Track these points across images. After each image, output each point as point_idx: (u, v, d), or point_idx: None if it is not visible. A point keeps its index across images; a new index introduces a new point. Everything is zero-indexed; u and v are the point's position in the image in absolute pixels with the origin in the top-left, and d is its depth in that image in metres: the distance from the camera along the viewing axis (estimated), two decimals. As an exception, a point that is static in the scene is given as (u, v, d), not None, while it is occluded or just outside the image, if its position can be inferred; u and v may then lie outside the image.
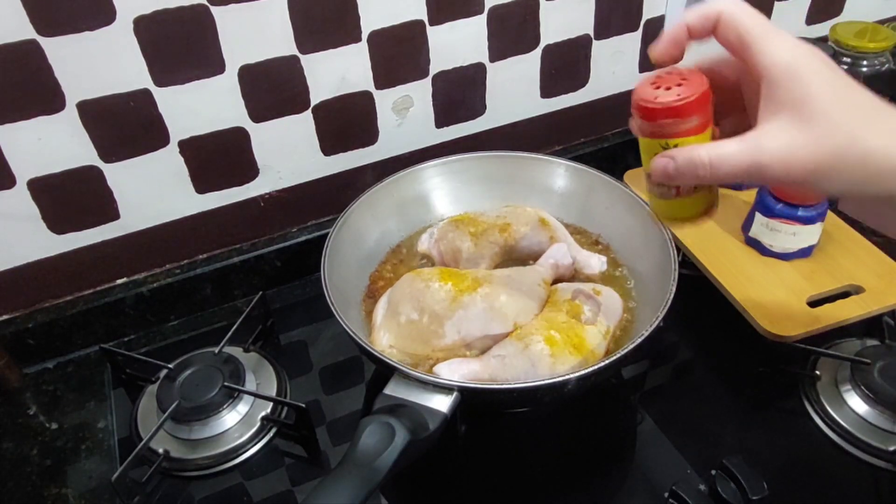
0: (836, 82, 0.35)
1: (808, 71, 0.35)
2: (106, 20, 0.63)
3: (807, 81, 0.35)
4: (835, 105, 0.34)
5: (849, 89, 0.35)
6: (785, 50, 0.35)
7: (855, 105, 0.34)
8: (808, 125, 0.34)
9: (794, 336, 0.67)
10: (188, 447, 0.66)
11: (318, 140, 0.79)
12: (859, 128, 0.34)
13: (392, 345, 0.65)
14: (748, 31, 0.36)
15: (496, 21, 0.80)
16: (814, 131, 0.34)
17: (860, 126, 0.34)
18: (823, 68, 0.35)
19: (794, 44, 0.36)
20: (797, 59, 0.35)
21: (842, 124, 0.34)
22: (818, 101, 0.34)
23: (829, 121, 0.34)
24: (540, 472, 0.65)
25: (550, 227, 0.76)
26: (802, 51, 0.35)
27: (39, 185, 0.69)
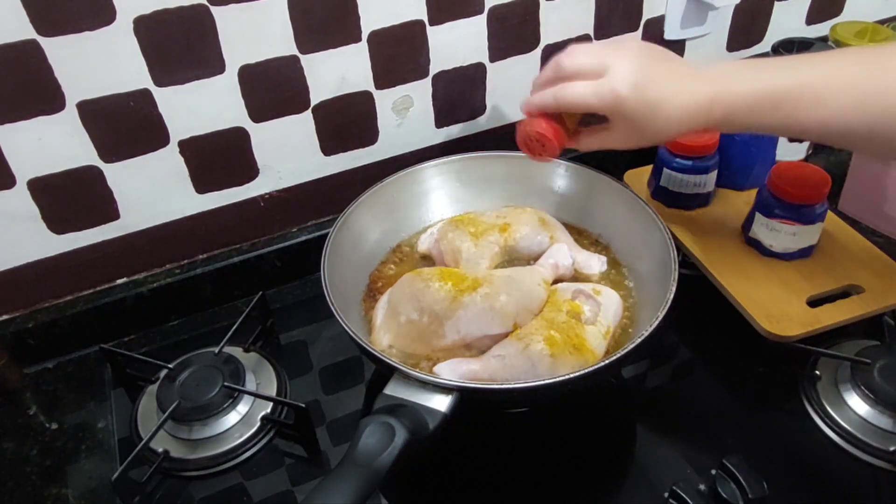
0: (641, 108, 0.55)
1: (629, 109, 0.55)
2: (106, 20, 0.63)
3: (625, 117, 0.56)
4: (640, 123, 0.56)
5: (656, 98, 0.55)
6: (608, 102, 0.56)
7: (652, 120, 0.56)
8: (630, 134, 0.58)
9: (794, 336, 0.67)
10: (188, 447, 0.66)
11: (318, 140, 0.79)
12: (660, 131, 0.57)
13: (392, 345, 0.65)
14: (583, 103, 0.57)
15: (496, 21, 0.80)
16: (637, 137, 0.58)
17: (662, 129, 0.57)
18: (642, 97, 0.55)
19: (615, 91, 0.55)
20: (620, 105, 0.55)
21: (650, 133, 0.57)
22: (633, 125, 0.57)
23: (640, 130, 0.57)
24: (540, 471, 0.65)
25: (550, 227, 0.76)
26: (625, 94, 0.54)
27: (39, 185, 0.69)
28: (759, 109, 0.54)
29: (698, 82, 0.56)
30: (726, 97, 0.55)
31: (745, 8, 0.94)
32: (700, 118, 0.55)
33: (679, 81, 0.56)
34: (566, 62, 0.58)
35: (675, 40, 0.92)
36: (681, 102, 0.55)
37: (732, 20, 0.95)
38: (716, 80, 0.56)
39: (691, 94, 0.55)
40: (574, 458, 0.66)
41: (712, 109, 0.55)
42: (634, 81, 0.54)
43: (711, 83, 0.55)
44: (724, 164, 0.81)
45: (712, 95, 0.55)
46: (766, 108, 0.54)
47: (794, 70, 0.54)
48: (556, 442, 0.68)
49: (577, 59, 0.57)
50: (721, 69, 0.57)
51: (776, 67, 0.56)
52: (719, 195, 0.84)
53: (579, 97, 0.56)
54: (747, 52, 0.99)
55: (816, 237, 0.75)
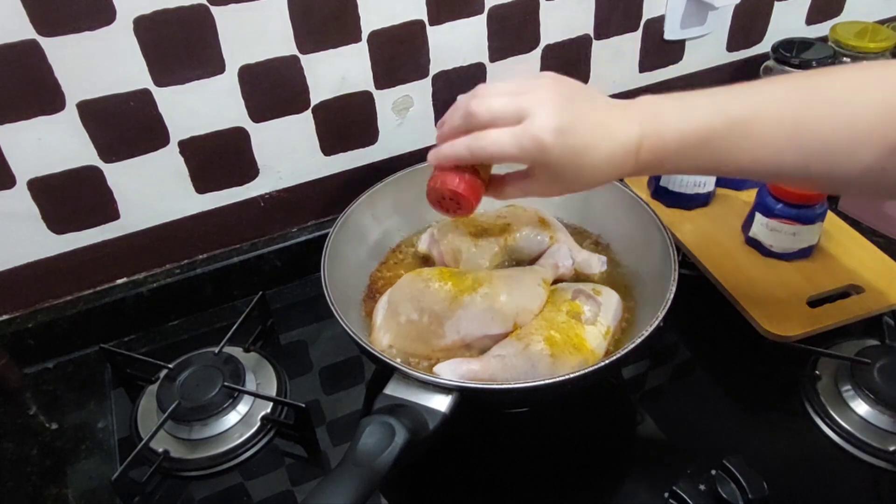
0: (567, 156, 0.50)
1: (552, 158, 0.50)
2: (106, 20, 0.63)
3: (549, 167, 0.51)
4: (566, 172, 0.52)
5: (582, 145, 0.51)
6: (531, 151, 0.50)
7: (578, 168, 0.51)
8: (554, 183, 0.54)
9: (794, 336, 0.67)
10: (188, 447, 0.66)
11: (318, 140, 0.79)
12: (585, 179, 0.53)
13: (392, 345, 0.65)
14: (502, 154, 0.51)
15: (496, 21, 0.80)
16: (561, 185, 0.54)
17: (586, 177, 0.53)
18: (566, 144, 0.50)
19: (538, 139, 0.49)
20: (544, 154, 0.50)
21: (574, 181, 0.53)
22: (558, 174, 0.52)
23: (566, 180, 0.53)
24: (540, 471, 0.65)
25: (550, 227, 0.76)
26: (549, 142, 0.49)
27: (39, 185, 0.69)
28: (689, 150, 0.50)
29: (623, 124, 0.51)
30: (654, 139, 0.50)
31: (745, 8, 0.94)
32: (628, 164, 0.51)
33: (603, 124, 0.51)
34: (478, 108, 0.51)
35: (675, 40, 0.92)
36: (607, 149, 0.50)
37: (732, 20, 0.95)
38: (642, 120, 0.51)
39: (617, 138, 0.50)
40: (574, 458, 0.66)
41: (640, 153, 0.51)
42: (557, 126, 0.49)
43: (638, 124, 0.51)
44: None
45: (639, 139, 0.50)
46: (697, 147, 0.49)
47: (724, 104, 0.50)
48: (556, 442, 0.68)
49: (490, 104, 0.51)
50: (647, 107, 0.52)
51: (705, 102, 0.51)
52: (719, 195, 0.85)
53: (497, 147, 0.50)
54: (747, 52, 0.99)
55: (816, 237, 0.75)
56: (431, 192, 0.59)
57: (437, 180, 0.57)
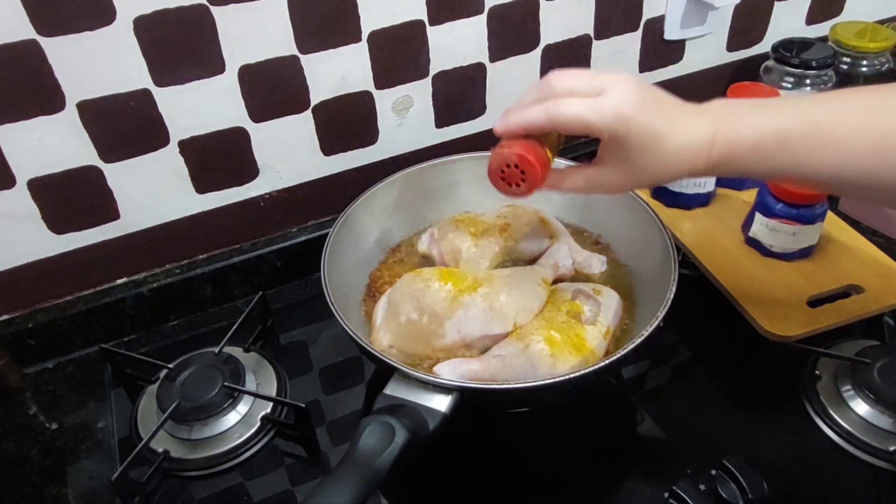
0: (645, 135, 0.49)
1: (631, 133, 0.49)
2: (106, 20, 0.63)
3: (625, 145, 0.50)
4: (639, 156, 0.51)
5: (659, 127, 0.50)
6: (610, 121, 0.49)
7: (651, 153, 0.50)
8: (625, 171, 0.52)
9: (794, 336, 0.67)
10: (188, 447, 0.66)
11: (318, 140, 0.79)
12: (658, 168, 0.51)
13: (392, 345, 0.65)
14: (581, 119, 0.50)
15: (496, 21, 0.80)
16: (632, 173, 0.52)
17: (660, 166, 0.51)
18: (645, 121, 0.49)
19: (619, 108, 0.49)
20: (624, 126, 0.49)
21: (647, 170, 0.52)
22: (631, 157, 0.51)
23: (638, 166, 0.51)
24: (540, 471, 0.65)
25: (550, 227, 0.76)
26: (629, 113, 0.49)
27: (39, 185, 0.69)
28: (765, 150, 0.49)
29: (698, 118, 0.51)
30: (729, 136, 0.50)
31: (745, 8, 0.94)
32: (701, 158, 0.50)
33: (679, 114, 0.51)
34: (556, 80, 0.52)
35: (675, 40, 0.92)
36: (682, 137, 0.50)
37: (732, 20, 0.95)
38: (716, 117, 0.50)
39: (691, 130, 0.50)
40: (574, 458, 0.66)
41: (713, 149, 0.50)
42: (638, 102, 0.49)
43: (712, 120, 0.50)
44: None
45: (713, 133, 0.50)
46: (773, 148, 0.49)
47: (802, 109, 0.49)
48: (556, 442, 0.68)
49: (568, 79, 0.52)
50: (721, 107, 0.52)
51: (782, 106, 0.51)
52: (719, 195, 0.85)
53: (576, 114, 0.49)
54: (747, 52, 0.99)
55: (816, 237, 0.75)
56: (495, 160, 0.54)
57: (504, 147, 0.53)
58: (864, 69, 0.94)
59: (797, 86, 0.90)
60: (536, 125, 0.52)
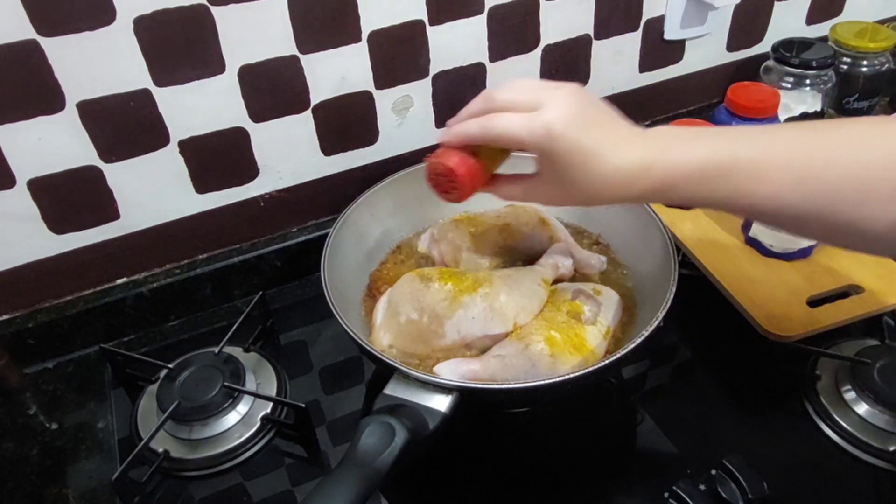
0: (575, 154, 0.49)
1: (559, 150, 0.49)
2: (106, 20, 0.63)
3: (554, 162, 0.50)
4: (569, 175, 0.50)
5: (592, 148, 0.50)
6: (538, 138, 0.49)
7: (585, 174, 0.50)
8: (557, 187, 0.53)
9: (794, 336, 0.67)
10: (188, 447, 0.66)
11: (318, 140, 0.79)
12: (589, 188, 0.51)
13: (392, 345, 0.65)
14: (511, 135, 0.51)
15: (496, 21, 0.80)
16: (564, 190, 0.52)
17: (591, 187, 0.51)
18: (576, 139, 0.49)
19: (548, 125, 0.49)
20: (552, 143, 0.49)
21: (578, 188, 0.51)
22: (561, 175, 0.51)
23: (570, 185, 0.51)
24: (540, 471, 0.65)
25: (550, 227, 0.76)
26: (558, 131, 0.49)
27: (39, 185, 0.69)
28: (699, 180, 0.49)
29: (635, 145, 0.50)
30: (665, 164, 0.50)
31: (745, 8, 0.94)
32: (636, 185, 0.50)
33: (616, 138, 0.51)
34: (498, 93, 0.53)
35: (675, 40, 0.92)
36: (616, 162, 0.50)
37: (732, 20, 0.95)
38: (654, 146, 0.50)
39: (627, 156, 0.50)
40: (574, 458, 0.66)
41: (650, 175, 0.50)
42: (569, 121, 0.49)
43: (649, 149, 0.50)
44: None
45: (650, 161, 0.50)
46: (707, 179, 0.49)
47: (732, 141, 0.50)
48: (556, 442, 0.68)
49: (510, 92, 0.52)
50: (659, 135, 0.52)
51: (715, 137, 0.51)
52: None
53: (506, 128, 0.50)
54: (747, 52, 0.99)
55: (816, 237, 0.75)
56: (429, 167, 0.57)
57: (438, 156, 0.56)
58: (864, 69, 0.95)
59: (797, 86, 0.90)
60: (471, 139, 0.54)
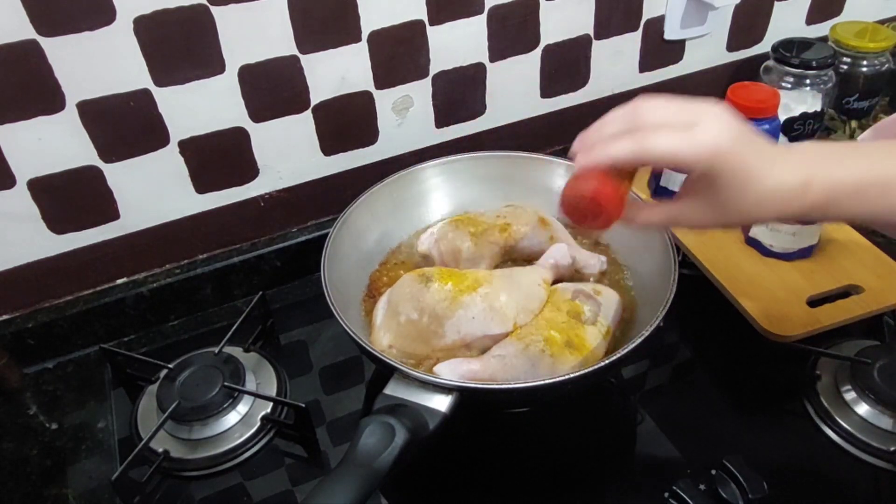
0: (739, 172, 0.46)
1: (725, 169, 0.46)
2: (106, 20, 0.63)
3: (717, 182, 0.47)
4: (730, 194, 0.47)
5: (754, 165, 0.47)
6: (705, 157, 0.46)
7: (744, 193, 0.47)
8: (712, 209, 0.49)
9: (794, 336, 0.67)
10: (188, 447, 0.66)
11: (318, 140, 0.79)
12: (748, 209, 0.48)
13: (392, 345, 0.65)
14: (673, 155, 0.47)
15: (496, 21, 0.80)
16: (719, 211, 0.49)
17: (750, 207, 0.48)
18: (740, 159, 0.46)
19: (716, 144, 0.46)
20: (719, 162, 0.46)
21: (736, 209, 0.48)
22: (721, 195, 0.47)
23: (727, 204, 0.48)
24: (540, 471, 0.65)
25: (550, 227, 0.76)
26: (725, 149, 0.46)
27: (39, 185, 0.69)
28: (865, 194, 0.47)
29: (792, 162, 0.47)
30: (824, 180, 0.47)
31: (745, 8, 0.94)
32: (795, 202, 0.47)
33: (773, 155, 0.47)
34: (646, 112, 0.48)
35: (675, 40, 0.92)
36: (778, 178, 0.47)
37: (732, 20, 0.95)
38: (810, 159, 0.48)
39: (787, 170, 0.47)
40: (574, 458, 0.66)
41: (809, 192, 0.47)
42: (734, 137, 0.46)
43: (807, 164, 0.47)
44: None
45: (809, 176, 0.47)
46: (875, 193, 0.47)
47: (887, 156, 0.48)
48: (556, 442, 0.68)
49: (658, 110, 0.48)
50: (814, 149, 0.49)
51: (868, 152, 0.49)
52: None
53: (668, 149, 0.46)
54: (747, 51, 0.99)
55: (816, 237, 0.75)
56: (570, 194, 0.52)
57: (581, 183, 0.50)
58: (863, 69, 0.94)
59: (797, 86, 0.90)
60: (623, 161, 0.48)
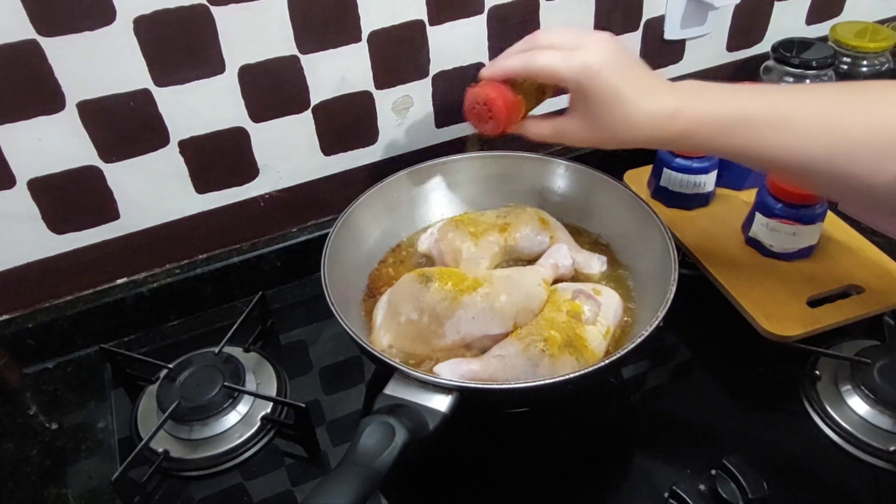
0: (608, 93, 0.54)
1: (595, 87, 0.54)
2: (106, 20, 0.63)
3: (588, 99, 0.55)
4: (601, 113, 0.55)
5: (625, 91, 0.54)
6: (576, 73, 0.54)
7: (612, 112, 0.54)
8: (588, 126, 0.57)
9: (794, 336, 0.67)
10: (188, 447, 0.66)
11: (318, 140, 0.79)
12: (619, 129, 0.55)
13: (392, 345, 0.65)
14: (551, 69, 0.55)
15: (496, 21, 0.80)
16: (594, 129, 0.56)
17: (621, 127, 0.55)
18: (611, 80, 0.53)
19: (587, 63, 0.54)
20: (589, 80, 0.54)
21: (608, 128, 0.55)
22: (593, 113, 0.55)
23: (601, 124, 0.55)
24: (540, 472, 0.65)
25: (550, 227, 0.76)
26: (595, 69, 0.54)
27: (39, 185, 0.69)
28: (723, 128, 0.53)
29: (665, 92, 0.54)
30: (691, 111, 0.53)
31: (745, 8, 0.94)
32: (663, 130, 0.54)
33: (648, 85, 0.55)
34: (541, 35, 0.58)
35: (675, 40, 0.92)
36: (647, 105, 0.54)
37: (732, 20, 0.95)
38: (683, 94, 0.54)
39: (658, 100, 0.54)
40: (574, 458, 0.66)
41: (674, 122, 0.53)
42: (606, 62, 0.54)
43: (678, 96, 0.54)
44: (724, 164, 0.81)
45: (677, 107, 0.53)
46: (732, 127, 0.53)
47: (766, 95, 0.54)
48: (556, 442, 0.68)
49: (551, 34, 0.57)
50: (689, 86, 0.56)
51: (750, 90, 0.55)
52: (719, 195, 0.85)
53: (547, 63, 0.55)
54: (747, 51, 0.99)
55: (816, 237, 0.75)
56: (469, 96, 0.61)
57: (479, 87, 0.60)
58: (864, 69, 0.94)
59: (797, 86, 0.90)
60: (513, 71, 0.59)
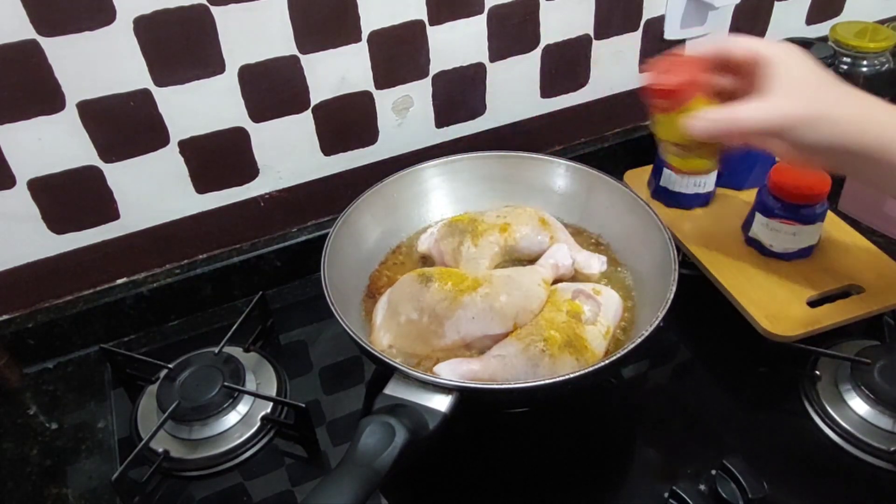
0: (813, 70, 0.51)
1: (795, 64, 0.51)
2: (106, 20, 0.63)
3: (796, 72, 0.51)
4: (811, 85, 0.51)
5: (822, 74, 0.51)
6: (778, 49, 0.51)
7: (827, 85, 0.51)
8: (797, 97, 0.51)
9: (794, 336, 0.67)
10: (188, 447, 0.66)
11: (318, 140, 0.79)
12: (831, 102, 0.51)
13: (392, 345, 0.65)
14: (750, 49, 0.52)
15: (496, 21, 0.80)
16: (801, 101, 0.50)
17: (832, 100, 0.51)
18: (804, 61, 0.51)
19: (782, 47, 0.52)
20: (787, 56, 0.51)
21: (817, 99, 0.50)
22: (802, 82, 0.51)
23: (809, 96, 0.50)
24: (540, 471, 0.65)
25: (550, 227, 0.76)
26: (788, 50, 0.51)
27: (39, 185, 0.69)
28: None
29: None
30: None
31: (745, 8, 0.94)
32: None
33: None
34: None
35: (675, 40, 0.92)
36: None
37: (732, 20, 0.94)
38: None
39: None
40: (574, 458, 0.66)
41: None
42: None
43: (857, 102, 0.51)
44: (724, 164, 0.81)
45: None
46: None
47: None
48: (556, 442, 0.68)
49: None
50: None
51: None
52: (719, 195, 0.85)
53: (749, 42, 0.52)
54: (747, 52, 0.99)
55: (816, 237, 0.75)
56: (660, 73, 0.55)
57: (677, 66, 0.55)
58: (863, 69, 0.94)
59: (797, 86, 0.90)
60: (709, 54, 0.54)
